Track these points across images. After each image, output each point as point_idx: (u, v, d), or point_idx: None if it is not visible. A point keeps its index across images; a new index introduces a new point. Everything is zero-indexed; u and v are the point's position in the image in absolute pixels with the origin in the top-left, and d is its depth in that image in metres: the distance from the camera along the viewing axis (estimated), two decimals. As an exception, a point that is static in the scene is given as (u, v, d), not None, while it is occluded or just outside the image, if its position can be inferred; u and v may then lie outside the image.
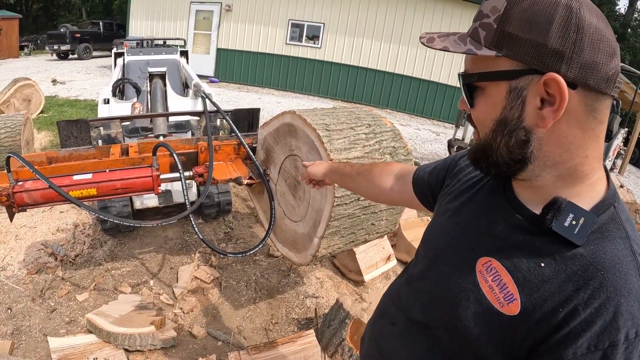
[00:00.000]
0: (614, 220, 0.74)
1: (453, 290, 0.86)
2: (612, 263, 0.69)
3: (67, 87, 11.41)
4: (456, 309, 0.83)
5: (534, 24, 0.69)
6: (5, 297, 3.03)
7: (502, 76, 0.74)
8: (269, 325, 2.96)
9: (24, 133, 5.21)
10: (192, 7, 14.33)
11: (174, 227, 4.08)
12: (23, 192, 2.03)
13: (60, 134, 2.50)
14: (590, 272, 0.69)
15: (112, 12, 31.43)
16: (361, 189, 1.40)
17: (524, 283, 0.74)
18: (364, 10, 12.54)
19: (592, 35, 0.67)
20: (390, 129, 2.34)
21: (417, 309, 0.97)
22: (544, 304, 0.71)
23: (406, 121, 11.62)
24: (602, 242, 0.71)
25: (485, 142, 0.80)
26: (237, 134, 2.63)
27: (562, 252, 0.72)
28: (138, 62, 4.83)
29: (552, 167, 0.75)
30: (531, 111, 0.72)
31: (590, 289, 0.68)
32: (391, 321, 1.07)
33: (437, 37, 0.82)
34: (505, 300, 0.76)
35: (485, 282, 0.80)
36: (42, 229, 3.91)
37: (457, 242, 0.90)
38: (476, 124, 0.83)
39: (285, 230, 2.48)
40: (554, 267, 0.72)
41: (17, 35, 21.43)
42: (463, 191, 0.97)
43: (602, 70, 0.68)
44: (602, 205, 0.75)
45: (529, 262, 0.75)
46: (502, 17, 0.73)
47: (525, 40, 0.70)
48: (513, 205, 0.82)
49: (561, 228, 0.71)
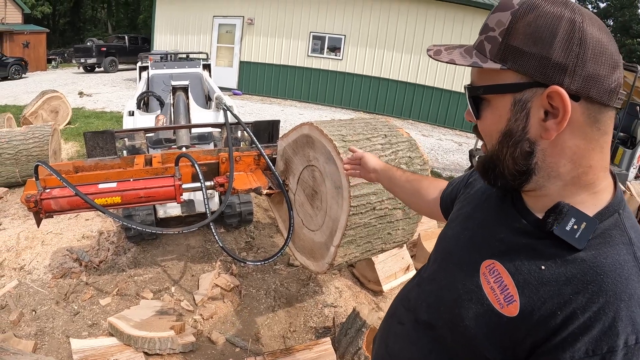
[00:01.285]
0: (618, 226, 0.74)
1: (458, 291, 0.88)
2: (612, 268, 0.69)
3: (93, 100, 11.75)
4: (459, 309, 0.85)
5: (538, 37, 0.70)
6: (30, 299, 3.15)
7: (506, 89, 0.75)
8: (287, 333, 2.99)
9: (51, 143, 5.40)
10: (215, 21, 14.61)
11: (196, 235, 4.16)
12: (50, 199, 2.12)
13: (87, 145, 2.60)
14: (590, 276, 0.69)
15: (137, 26, 32.33)
16: (405, 196, 1.42)
17: (524, 285, 0.75)
18: (384, 21, 12.60)
19: (595, 48, 0.69)
20: (406, 139, 2.37)
21: (423, 309, 0.99)
22: (543, 306, 0.72)
23: (428, 132, 11.57)
24: (603, 247, 0.72)
25: (493, 154, 0.81)
26: (257, 145, 2.69)
27: (562, 255, 0.73)
28: (162, 75, 4.96)
29: (556, 177, 0.76)
30: (535, 123, 0.73)
31: (589, 293, 0.68)
32: (399, 321, 1.10)
33: (444, 50, 0.84)
34: (506, 301, 0.77)
35: (487, 283, 0.82)
36: (67, 235, 4.04)
37: (466, 245, 0.92)
38: (482, 136, 0.86)
39: (303, 239, 2.52)
40: (554, 270, 0.73)
41: (45, 48, 22.23)
42: (475, 199, 1.00)
43: (604, 83, 0.69)
44: (606, 212, 0.75)
45: (530, 265, 0.76)
46: (507, 31, 0.74)
47: (529, 54, 0.71)
48: (519, 211, 0.84)
49: (562, 232, 0.72)
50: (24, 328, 2.87)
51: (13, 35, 20.71)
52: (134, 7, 34.45)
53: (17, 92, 12.98)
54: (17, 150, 5.06)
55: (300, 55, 13.76)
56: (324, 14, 13.17)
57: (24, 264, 3.60)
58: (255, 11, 13.87)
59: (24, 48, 20.68)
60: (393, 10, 12.44)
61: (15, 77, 16.85)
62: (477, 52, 0.80)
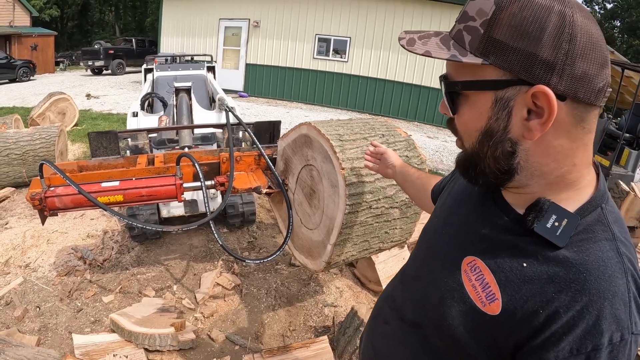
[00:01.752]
0: (600, 221, 0.72)
1: (440, 289, 0.86)
2: (595, 265, 0.67)
3: (100, 102, 11.86)
4: (442, 308, 0.84)
5: (524, 31, 0.66)
6: (35, 296, 3.21)
7: (488, 85, 0.71)
8: (286, 332, 3.02)
9: (58, 144, 5.47)
10: (221, 24, 14.71)
11: (199, 235, 4.21)
12: (54, 197, 2.17)
13: (91, 145, 2.65)
14: (573, 274, 0.67)
15: (144, 29, 32.63)
16: (415, 193, 1.46)
17: (505, 283, 0.74)
18: (389, 23, 12.63)
19: (585, 44, 0.65)
20: (404, 139, 2.39)
21: (409, 308, 0.98)
22: (525, 305, 0.70)
23: (434, 133, 11.56)
24: (586, 243, 0.70)
25: (473, 152, 0.78)
26: (257, 146, 2.73)
27: (544, 253, 0.71)
28: (166, 77, 5.01)
29: (540, 176, 0.74)
30: (518, 122, 0.70)
31: (572, 291, 0.66)
32: (385, 321, 1.08)
33: (418, 39, 0.78)
34: (487, 299, 0.76)
35: (469, 281, 0.80)
36: (72, 234, 4.09)
37: (447, 242, 0.91)
38: (460, 133, 0.81)
39: (302, 238, 2.54)
40: (536, 267, 0.71)
41: (53, 51, 22.55)
42: (458, 194, 0.98)
43: (593, 82, 0.66)
44: (588, 207, 0.73)
45: (512, 262, 0.74)
46: (489, 22, 0.69)
47: (514, 49, 0.66)
48: (501, 207, 0.82)
49: (543, 229, 0.70)
50: (28, 324, 2.93)
51: (21, 38, 21.00)
52: (141, 10, 34.77)
53: (25, 94, 13.14)
54: (24, 150, 5.13)
55: (306, 58, 13.83)
56: (329, 16, 13.22)
57: (30, 261, 3.66)
58: (261, 14, 13.96)
59: (32, 50, 20.97)
60: (398, 12, 12.47)
61: (24, 79, 17.07)
62: (454, 42, 0.74)
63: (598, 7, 33.36)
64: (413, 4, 12.23)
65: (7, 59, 16.96)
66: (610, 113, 7.54)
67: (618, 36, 32.57)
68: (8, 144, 5.11)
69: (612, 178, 6.05)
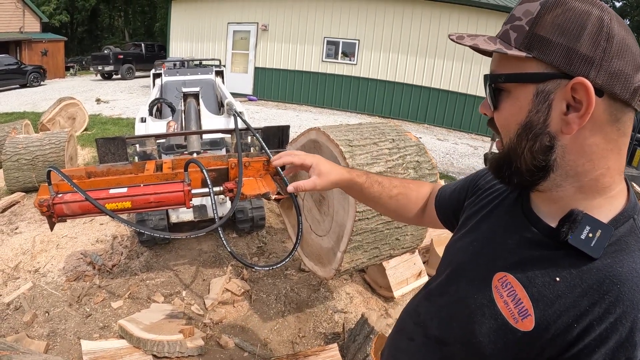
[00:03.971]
0: (634, 232, 0.72)
1: (470, 306, 0.85)
2: (629, 276, 0.66)
3: (110, 106, 11.96)
4: (472, 324, 0.83)
5: (566, 29, 0.69)
6: (44, 301, 3.21)
7: (530, 78, 0.73)
8: (296, 339, 2.99)
9: (67, 149, 5.50)
10: (230, 28, 14.77)
11: (209, 240, 4.19)
12: (62, 203, 2.15)
13: (99, 151, 2.64)
14: (606, 286, 0.67)
15: (153, 33, 32.91)
16: (388, 212, 1.30)
17: (538, 298, 0.73)
18: (397, 25, 12.59)
19: (621, 46, 0.67)
20: (414, 144, 2.36)
21: (434, 324, 0.96)
22: (558, 320, 0.69)
23: (444, 136, 11.50)
24: (619, 255, 0.69)
25: (510, 148, 0.78)
26: (266, 151, 2.71)
27: (577, 265, 0.70)
28: (175, 82, 5.02)
29: (574, 177, 0.74)
30: (556, 116, 0.71)
31: (606, 303, 0.66)
32: (409, 337, 1.06)
33: (467, 36, 0.81)
34: (520, 315, 0.74)
35: (500, 297, 0.79)
36: (82, 239, 4.10)
37: (475, 257, 0.89)
38: (500, 129, 0.82)
39: (311, 245, 2.52)
40: (569, 281, 0.70)
41: (63, 56, 22.85)
42: (482, 207, 0.97)
43: (628, 81, 0.67)
44: (621, 218, 0.73)
45: (544, 277, 0.73)
46: (534, 20, 0.72)
47: (556, 44, 0.69)
48: (530, 219, 0.81)
49: (577, 241, 0.70)
50: (37, 329, 2.93)
51: (32, 43, 21.29)
52: (150, 15, 35.07)
53: (36, 99, 13.29)
54: (34, 156, 5.16)
55: (315, 61, 13.83)
56: (337, 19, 13.22)
57: (39, 266, 3.67)
58: (269, 17, 14.00)
59: (42, 56, 21.25)
60: (407, 14, 12.43)
61: (34, 85, 17.28)
62: (501, 40, 0.77)
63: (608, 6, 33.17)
64: (422, 6, 12.19)
65: (18, 64, 17.20)
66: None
67: (628, 35, 32.32)
68: (18, 149, 5.15)
69: (625, 180, 5.96)
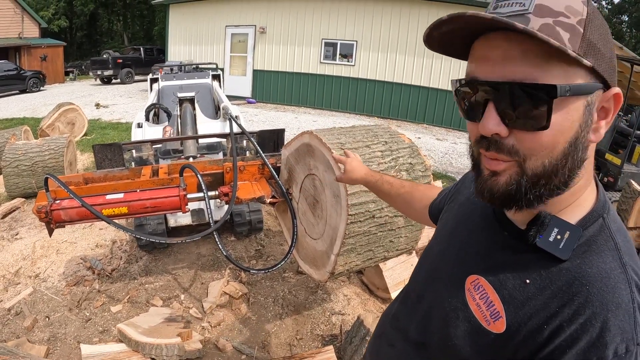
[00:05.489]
0: (603, 231, 0.72)
1: (445, 309, 0.85)
2: (598, 277, 0.66)
3: (109, 111, 11.99)
4: (447, 328, 0.83)
5: (606, 36, 0.66)
6: (44, 306, 3.24)
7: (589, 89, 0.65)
8: (293, 341, 3.01)
9: (66, 155, 5.53)
10: (228, 31, 14.78)
11: (207, 244, 4.22)
12: (60, 209, 2.19)
13: (96, 157, 2.67)
14: (575, 287, 0.67)
15: (152, 37, 32.95)
16: (399, 208, 1.45)
17: (509, 300, 0.73)
18: (395, 26, 12.59)
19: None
20: (407, 146, 2.37)
21: (413, 328, 0.97)
22: (529, 321, 0.70)
23: (443, 135, 11.50)
24: (588, 255, 0.69)
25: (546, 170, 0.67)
26: (260, 155, 2.73)
27: (547, 267, 0.70)
28: (172, 87, 5.03)
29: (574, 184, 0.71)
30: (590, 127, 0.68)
31: (575, 304, 0.66)
32: (389, 342, 1.07)
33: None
34: (492, 317, 0.75)
35: (473, 300, 0.80)
36: (82, 244, 4.13)
37: (450, 261, 0.90)
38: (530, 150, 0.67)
39: (306, 248, 2.53)
40: (539, 283, 0.70)
41: (62, 61, 22.92)
42: (458, 212, 0.98)
43: None
44: (590, 217, 0.73)
45: (515, 279, 0.74)
46: (586, 23, 0.63)
47: (602, 53, 0.65)
48: (501, 223, 0.81)
49: (545, 243, 0.70)
50: (38, 334, 2.96)
51: (31, 49, 21.35)
52: (149, 19, 35.11)
53: (36, 105, 13.32)
54: (34, 162, 5.19)
55: (313, 62, 13.83)
56: (335, 21, 13.22)
57: (39, 271, 3.69)
58: (267, 20, 14.01)
59: (41, 61, 21.29)
60: (404, 15, 12.42)
61: (34, 90, 17.32)
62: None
63: (605, 2, 33.09)
64: (419, 5, 12.18)
65: (17, 70, 17.23)
66: (621, 110, 7.45)
67: (626, 31, 32.25)
68: (17, 155, 5.18)
69: (623, 177, 5.96)
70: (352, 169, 1.46)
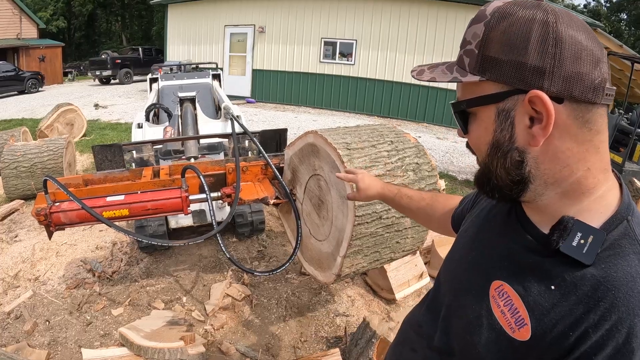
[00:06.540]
0: (627, 235, 0.70)
1: (468, 316, 0.85)
2: (624, 281, 0.65)
3: (108, 111, 11.95)
4: (471, 336, 0.83)
5: (511, 44, 0.69)
6: (44, 309, 3.19)
7: (488, 100, 0.74)
8: (297, 343, 2.97)
9: (66, 156, 5.49)
10: (227, 30, 14.74)
11: (209, 245, 4.17)
12: (60, 212, 2.14)
13: (96, 158, 2.63)
14: (601, 293, 0.66)
15: (151, 37, 32.93)
16: (419, 221, 1.43)
17: (534, 307, 0.72)
18: (395, 24, 12.56)
19: (573, 46, 0.67)
20: (413, 145, 2.34)
21: (437, 335, 0.97)
22: (554, 328, 0.69)
23: (443, 134, 11.46)
24: (613, 259, 0.68)
25: (484, 167, 0.80)
26: (263, 155, 2.69)
27: (571, 273, 0.69)
28: (171, 86, 4.98)
29: (554, 184, 0.73)
30: (521, 131, 0.72)
31: (601, 310, 0.65)
32: (412, 348, 1.06)
33: (427, 70, 0.85)
34: (517, 325, 0.74)
35: (497, 307, 0.79)
36: (82, 246, 4.09)
37: (473, 268, 0.89)
38: (474, 150, 0.84)
39: (311, 249, 2.50)
40: (564, 289, 0.69)
41: (61, 62, 22.89)
42: (480, 218, 0.97)
43: (587, 80, 0.67)
44: (614, 220, 0.71)
45: (540, 285, 0.73)
46: (482, 42, 0.73)
47: (505, 62, 0.70)
48: (524, 226, 0.80)
49: (569, 248, 0.69)
50: (38, 338, 2.91)
51: (29, 50, 21.30)
52: (147, 20, 35.07)
53: (34, 106, 13.28)
54: (32, 163, 5.15)
55: (313, 62, 13.80)
56: (334, 20, 13.19)
57: (39, 274, 3.65)
58: (266, 19, 13.98)
59: (40, 62, 21.26)
60: (404, 13, 12.40)
61: (32, 91, 17.30)
62: (458, 67, 0.79)
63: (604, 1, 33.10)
64: (419, 4, 12.15)
65: (16, 71, 17.20)
66: (622, 108, 7.41)
67: (625, 29, 32.24)
68: (16, 156, 5.13)
69: (625, 175, 5.94)
70: (367, 187, 1.43)
